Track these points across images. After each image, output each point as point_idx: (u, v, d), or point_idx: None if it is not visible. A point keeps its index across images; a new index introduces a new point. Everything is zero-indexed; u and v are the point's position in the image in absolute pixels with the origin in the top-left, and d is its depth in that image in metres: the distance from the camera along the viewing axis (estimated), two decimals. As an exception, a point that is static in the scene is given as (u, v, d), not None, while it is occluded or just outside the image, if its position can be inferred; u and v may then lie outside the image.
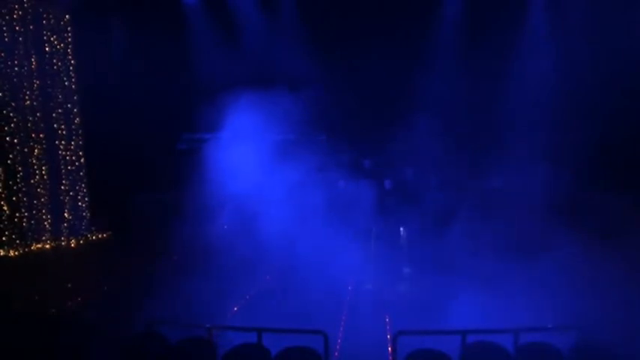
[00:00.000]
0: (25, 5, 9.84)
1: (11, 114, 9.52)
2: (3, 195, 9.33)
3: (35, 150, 10.04)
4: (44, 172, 10.23)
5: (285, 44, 10.83)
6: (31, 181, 9.96)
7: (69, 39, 10.82)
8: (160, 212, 10.62)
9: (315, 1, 10.91)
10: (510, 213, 9.18)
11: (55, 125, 10.52)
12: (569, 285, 6.49)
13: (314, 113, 9.13)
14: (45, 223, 10.22)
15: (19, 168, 9.69)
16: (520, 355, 4.07)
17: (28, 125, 9.90)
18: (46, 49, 10.33)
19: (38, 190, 10.10)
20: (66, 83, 10.74)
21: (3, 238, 9.26)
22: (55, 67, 10.52)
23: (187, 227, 8.96)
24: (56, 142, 10.54)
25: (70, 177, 10.82)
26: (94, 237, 10.97)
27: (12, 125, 9.55)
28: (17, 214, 9.57)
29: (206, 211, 8.93)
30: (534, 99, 10.05)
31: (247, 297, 7.65)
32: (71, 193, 10.80)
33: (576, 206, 9.43)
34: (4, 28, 9.42)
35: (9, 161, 9.47)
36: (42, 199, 10.16)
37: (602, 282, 6.71)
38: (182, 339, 4.31)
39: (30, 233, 9.85)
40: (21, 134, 9.73)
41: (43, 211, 10.19)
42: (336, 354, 5.62)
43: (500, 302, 5.99)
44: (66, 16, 10.74)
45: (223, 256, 8.11)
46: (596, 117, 9.78)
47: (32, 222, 9.93)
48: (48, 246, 10.12)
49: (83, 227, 10.96)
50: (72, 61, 10.86)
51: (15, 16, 9.63)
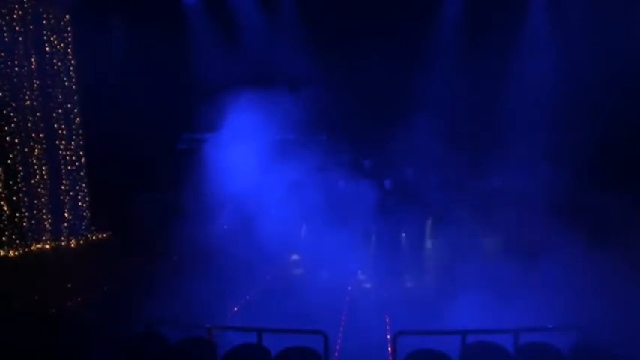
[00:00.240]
0: (25, 5, 9.83)
1: (11, 114, 9.52)
2: (3, 195, 9.33)
3: (35, 150, 10.03)
4: (44, 172, 10.22)
5: (285, 44, 10.82)
6: (32, 181, 9.95)
7: (69, 39, 10.81)
8: (160, 212, 10.62)
9: (315, 1, 10.90)
10: (510, 213, 9.17)
11: (55, 125, 10.51)
12: (569, 285, 6.49)
13: (314, 113, 9.13)
14: (45, 223, 10.22)
15: (20, 168, 9.69)
16: (520, 355, 4.07)
17: (28, 125, 9.89)
18: (46, 49, 10.32)
19: (38, 190, 10.09)
20: (66, 83, 10.74)
21: (3, 238, 9.26)
22: (55, 67, 10.51)
23: (187, 227, 8.96)
24: (56, 142, 10.53)
25: (70, 177, 10.82)
26: (94, 237, 10.96)
27: (12, 125, 9.54)
28: (17, 214, 9.57)
29: (206, 211, 8.94)
30: (534, 99, 10.05)
31: (247, 297, 7.64)
32: (71, 193, 10.80)
33: (576, 206, 9.43)
34: (4, 28, 9.41)
35: (9, 161, 9.47)
36: (42, 199, 10.16)
37: (602, 282, 6.71)
38: (182, 339, 4.31)
39: (30, 233, 9.84)
40: (21, 134, 9.72)
41: (43, 211, 10.19)
42: (336, 354, 5.62)
43: (500, 302, 5.99)
44: (66, 16, 10.73)
45: (223, 256, 8.12)
46: (596, 117, 9.78)
47: (32, 222, 9.93)
48: (48, 246, 10.11)
49: (83, 227, 10.95)
50: (72, 61, 10.85)
51: (15, 16, 9.62)
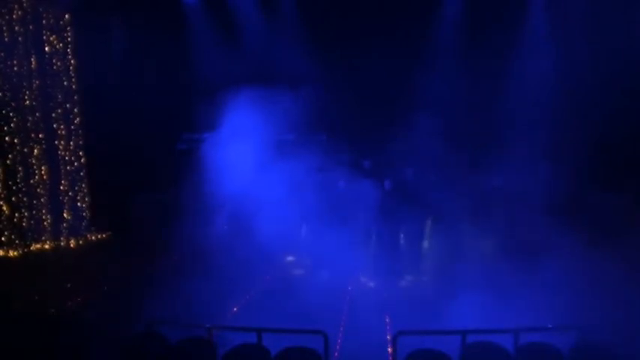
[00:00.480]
0: (25, 5, 9.83)
1: (11, 114, 9.52)
2: (2, 195, 9.33)
3: (35, 150, 10.03)
4: (44, 172, 10.22)
5: (285, 44, 10.81)
6: (31, 181, 9.95)
7: (69, 39, 10.81)
8: (160, 212, 10.61)
9: (315, 1, 10.90)
10: (510, 212, 9.17)
11: (55, 125, 10.51)
12: (569, 285, 6.49)
13: (314, 113, 9.12)
14: (45, 224, 10.22)
15: (19, 168, 9.69)
16: (520, 355, 4.07)
17: (28, 125, 9.89)
18: (46, 49, 10.32)
19: (38, 190, 10.09)
20: (65, 83, 10.74)
21: (3, 238, 9.27)
22: (55, 67, 10.51)
23: (187, 227, 8.95)
24: (56, 142, 10.54)
25: (70, 177, 10.82)
26: (94, 237, 10.96)
27: (12, 125, 9.54)
28: (17, 214, 9.57)
29: (206, 211, 8.93)
30: (534, 98, 10.05)
31: (247, 297, 7.64)
32: (70, 193, 10.79)
33: (576, 205, 9.43)
34: (4, 28, 9.41)
35: (8, 161, 9.48)
36: (42, 200, 10.16)
37: (602, 282, 6.70)
38: (182, 339, 4.31)
39: (30, 233, 9.85)
40: (21, 134, 9.73)
41: (43, 212, 10.19)
42: (336, 354, 5.61)
43: (500, 302, 5.99)
44: (66, 16, 10.73)
45: (223, 256, 8.11)
46: (596, 116, 9.78)
47: (32, 222, 9.93)
48: (48, 246, 10.11)
49: (83, 227, 10.95)
50: (72, 61, 10.85)
51: (15, 16, 9.62)
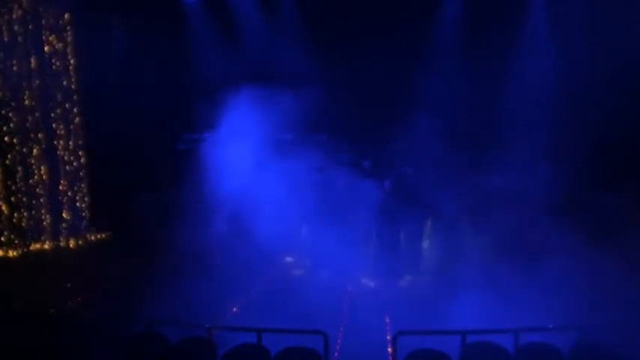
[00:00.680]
0: (25, 5, 9.83)
1: (11, 114, 9.52)
2: (2, 195, 9.33)
3: (34, 150, 10.03)
4: (43, 172, 10.22)
5: (285, 44, 10.81)
6: (30, 181, 9.95)
7: (69, 39, 10.81)
8: (160, 212, 10.61)
9: (315, 1, 10.90)
10: (510, 212, 9.17)
11: (55, 125, 10.51)
12: (569, 285, 6.49)
13: (314, 113, 9.11)
14: (44, 224, 10.22)
15: (19, 168, 9.69)
16: (520, 355, 4.07)
17: (28, 125, 9.89)
18: (46, 49, 10.32)
19: (37, 190, 10.09)
20: (66, 83, 10.73)
21: (2, 238, 9.26)
22: (55, 67, 10.51)
23: (187, 227, 8.95)
24: (55, 142, 10.54)
25: (70, 177, 10.81)
26: (94, 237, 10.96)
27: (12, 125, 9.54)
28: (16, 214, 9.57)
29: (206, 211, 8.92)
30: (534, 98, 10.05)
31: (247, 297, 7.64)
32: (70, 194, 10.79)
33: (576, 205, 9.43)
34: (4, 28, 9.41)
35: (8, 161, 9.47)
36: (41, 199, 10.15)
37: (602, 282, 6.70)
38: (182, 339, 4.31)
39: (29, 233, 9.85)
40: (20, 134, 9.73)
41: (43, 212, 10.18)
42: (336, 354, 5.61)
43: (500, 302, 5.99)
44: (65, 16, 10.72)
45: (223, 256, 8.11)
46: (595, 116, 9.79)
47: (31, 222, 9.93)
48: (47, 246, 10.11)
49: (83, 227, 10.95)
50: (72, 61, 10.84)
51: (15, 16, 9.62)
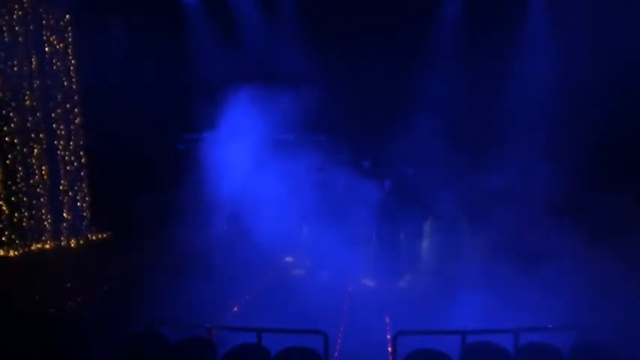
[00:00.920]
0: (25, 5, 9.83)
1: (11, 114, 9.52)
2: (3, 195, 9.33)
3: (35, 150, 10.03)
4: (44, 172, 10.22)
5: (285, 44, 10.82)
6: (31, 181, 9.95)
7: (69, 39, 10.82)
8: (160, 212, 10.62)
9: (315, 1, 10.90)
10: (510, 212, 9.16)
11: (55, 125, 10.51)
12: (569, 285, 6.49)
13: (314, 113, 9.11)
14: (45, 223, 10.22)
15: (19, 168, 9.69)
16: (520, 355, 4.07)
17: (28, 125, 9.89)
18: (46, 49, 10.32)
19: (38, 190, 10.09)
20: (66, 83, 10.74)
21: (3, 238, 9.26)
22: (55, 67, 10.51)
23: (187, 227, 8.95)
24: (56, 142, 10.54)
25: (70, 177, 10.82)
26: (94, 237, 10.96)
27: (12, 125, 9.54)
28: (17, 214, 9.57)
29: (206, 211, 8.93)
30: (534, 98, 10.05)
31: (247, 297, 7.64)
32: (70, 193, 10.79)
33: (576, 205, 9.43)
34: (4, 28, 9.41)
35: (8, 161, 9.47)
36: (42, 199, 10.16)
37: (602, 282, 6.70)
38: (182, 339, 4.31)
39: (30, 233, 9.85)
40: (21, 134, 9.73)
41: (43, 211, 10.19)
42: (336, 354, 5.61)
43: (500, 302, 5.99)
44: (66, 16, 10.73)
45: (223, 256, 8.11)
46: (595, 116, 9.79)
47: (32, 222, 9.93)
48: (48, 246, 10.11)
49: (83, 227, 10.95)
50: (72, 61, 10.85)
51: (15, 16, 9.62)
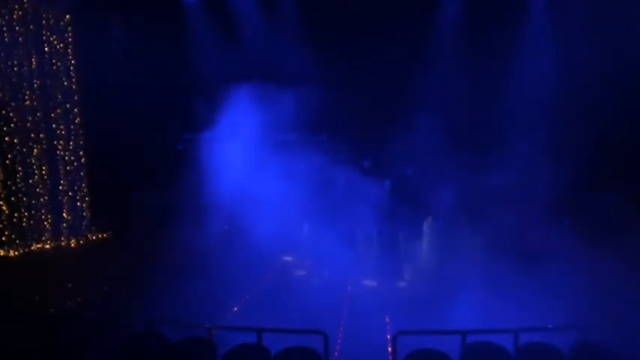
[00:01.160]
0: (25, 5, 9.84)
1: (11, 114, 9.52)
2: (3, 195, 9.33)
3: (35, 150, 10.03)
4: (44, 172, 10.22)
5: (285, 44, 10.81)
6: (31, 181, 9.96)
7: (69, 39, 10.82)
8: (160, 212, 10.62)
9: (315, 1, 10.90)
10: (510, 212, 9.16)
11: (55, 125, 10.52)
12: (569, 285, 6.49)
13: (314, 113, 9.11)
14: (45, 223, 10.22)
15: (19, 168, 9.69)
16: (520, 355, 4.07)
17: (28, 125, 9.90)
18: (46, 49, 10.33)
19: (38, 190, 10.10)
20: (66, 83, 10.74)
21: (3, 238, 9.26)
22: (55, 67, 10.52)
23: (187, 227, 8.95)
24: (56, 142, 10.54)
25: (70, 177, 10.82)
26: (94, 237, 10.96)
27: (12, 125, 9.54)
28: (17, 214, 9.57)
29: (206, 211, 8.93)
30: (534, 98, 10.05)
31: (247, 297, 7.64)
32: (70, 194, 10.79)
33: (576, 205, 9.43)
34: (4, 28, 9.41)
35: (8, 161, 9.47)
36: (41, 199, 10.16)
37: (602, 282, 6.70)
38: (182, 339, 4.31)
39: (30, 233, 9.85)
40: (21, 134, 9.73)
41: (43, 211, 10.19)
42: (336, 354, 5.61)
43: (500, 302, 5.99)
44: (66, 16, 10.74)
45: (223, 256, 8.11)
46: (596, 116, 9.78)
47: (32, 222, 9.93)
48: (48, 246, 10.11)
49: (83, 227, 10.96)
50: (72, 61, 10.86)
51: (15, 16, 9.63)
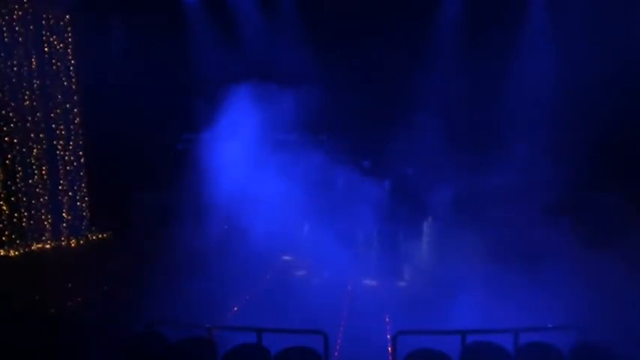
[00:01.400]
0: (25, 5, 9.84)
1: (11, 114, 9.52)
2: (3, 195, 9.33)
3: (35, 150, 10.03)
4: (44, 172, 10.22)
5: (285, 44, 10.81)
6: (31, 181, 9.95)
7: (69, 39, 10.82)
8: (160, 212, 10.62)
9: (315, 1, 10.90)
10: (510, 212, 9.17)
11: (55, 125, 10.51)
12: (569, 285, 6.49)
13: (314, 113, 9.12)
14: (45, 223, 10.22)
15: (19, 168, 9.69)
16: (520, 355, 4.07)
17: (28, 125, 9.90)
18: (46, 49, 10.32)
19: (38, 190, 10.10)
20: (66, 83, 10.74)
21: (3, 238, 9.27)
22: (55, 67, 10.52)
23: (187, 227, 8.95)
24: (55, 142, 10.54)
25: (70, 177, 10.82)
26: (94, 237, 10.97)
27: (12, 125, 9.54)
28: (17, 214, 9.57)
29: (206, 211, 8.93)
30: (534, 98, 10.05)
31: (247, 297, 7.64)
32: (70, 193, 10.79)
33: (576, 205, 9.43)
34: (4, 28, 9.42)
35: (8, 161, 9.47)
36: (41, 199, 10.16)
37: (602, 282, 6.70)
38: (182, 339, 4.30)
39: (30, 233, 9.85)
40: (21, 134, 9.73)
41: (43, 211, 10.19)
42: (336, 354, 5.61)
43: (500, 302, 5.99)
44: (66, 16, 10.73)
45: (223, 256, 8.11)
46: (596, 116, 9.77)
47: (32, 222, 9.93)
48: (48, 246, 10.11)
49: (83, 227, 10.96)
50: (72, 61, 10.85)
51: (15, 17, 9.63)
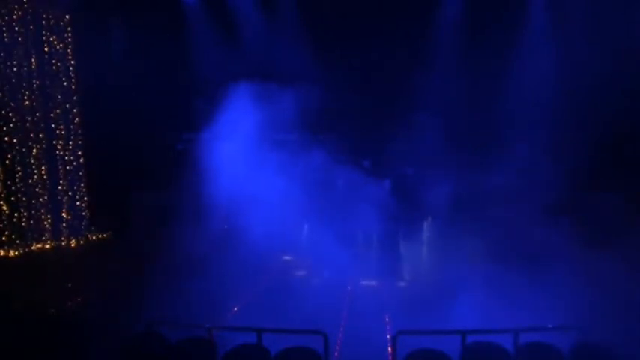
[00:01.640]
0: (25, 5, 9.83)
1: (11, 114, 9.52)
2: (3, 195, 9.33)
3: (34, 150, 10.03)
4: (43, 172, 10.22)
5: (284, 44, 10.81)
6: (30, 181, 9.95)
7: (69, 39, 10.81)
8: (160, 212, 10.62)
9: (315, 1, 10.90)
10: (510, 212, 9.17)
11: (55, 125, 10.51)
12: (569, 285, 6.49)
13: (314, 113, 9.12)
14: (45, 223, 10.22)
15: (18, 168, 9.69)
16: (520, 355, 4.07)
17: (28, 125, 9.89)
18: (46, 49, 10.32)
19: (37, 190, 10.09)
20: (65, 83, 10.73)
21: (3, 238, 9.26)
22: (55, 67, 10.51)
23: (187, 227, 8.94)
24: (55, 142, 10.54)
25: (70, 177, 10.81)
26: (94, 237, 10.96)
27: (11, 125, 9.54)
28: (17, 214, 9.57)
29: (206, 211, 8.93)
30: (534, 98, 10.05)
31: (247, 297, 7.64)
32: (70, 193, 10.79)
33: (576, 205, 9.43)
34: (4, 28, 9.41)
35: (8, 161, 9.47)
36: (41, 199, 10.16)
37: (602, 282, 6.71)
38: (182, 339, 4.31)
39: (30, 233, 9.85)
40: (20, 134, 9.73)
41: (43, 211, 10.18)
42: (336, 354, 5.61)
43: (500, 302, 5.99)
44: (66, 17, 10.73)
45: (223, 256, 8.11)
46: (596, 116, 9.78)
47: (32, 222, 9.93)
48: (48, 246, 10.11)
49: (83, 227, 10.95)
50: (72, 61, 10.85)
51: (15, 17, 9.62)
